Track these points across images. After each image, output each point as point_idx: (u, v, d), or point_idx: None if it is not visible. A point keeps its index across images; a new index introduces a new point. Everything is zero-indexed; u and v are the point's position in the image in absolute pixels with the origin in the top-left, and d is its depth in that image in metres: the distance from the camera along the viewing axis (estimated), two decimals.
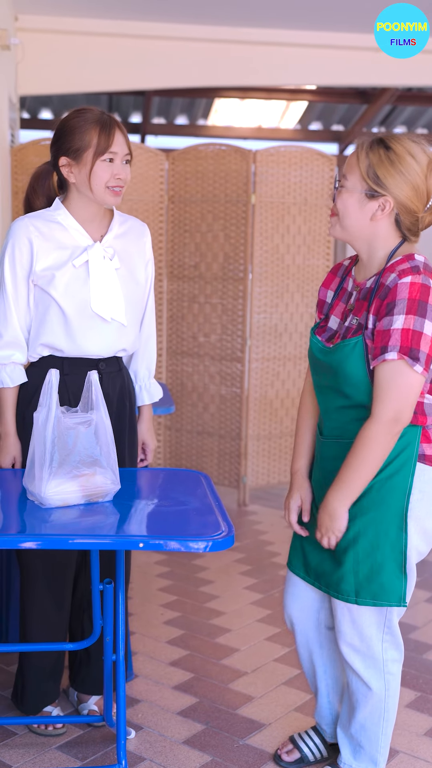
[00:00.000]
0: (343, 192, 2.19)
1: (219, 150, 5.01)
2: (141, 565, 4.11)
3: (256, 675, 3.12)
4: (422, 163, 2.12)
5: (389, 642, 2.29)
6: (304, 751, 2.56)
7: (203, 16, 5.80)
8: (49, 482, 2.16)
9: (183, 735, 2.72)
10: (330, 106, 8.82)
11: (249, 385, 5.07)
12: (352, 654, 2.30)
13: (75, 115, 2.50)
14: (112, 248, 2.58)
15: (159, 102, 8.50)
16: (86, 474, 2.21)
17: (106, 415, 2.26)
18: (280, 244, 5.06)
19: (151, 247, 2.73)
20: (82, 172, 2.49)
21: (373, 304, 2.14)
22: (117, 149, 2.47)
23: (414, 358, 2.05)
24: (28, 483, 2.23)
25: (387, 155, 2.12)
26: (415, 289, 2.06)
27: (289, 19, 5.84)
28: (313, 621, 2.46)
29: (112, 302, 2.55)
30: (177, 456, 5.34)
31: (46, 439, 2.17)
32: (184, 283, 5.17)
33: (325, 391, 2.29)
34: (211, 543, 1.97)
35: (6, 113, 5.01)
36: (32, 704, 2.71)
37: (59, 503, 2.17)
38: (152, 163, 5.07)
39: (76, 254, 2.53)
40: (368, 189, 2.14)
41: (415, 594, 3.88)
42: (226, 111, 8.82)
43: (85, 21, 5.87)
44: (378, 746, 2.37)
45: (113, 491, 2.25)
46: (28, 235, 2.50)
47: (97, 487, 2.22)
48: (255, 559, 4.28)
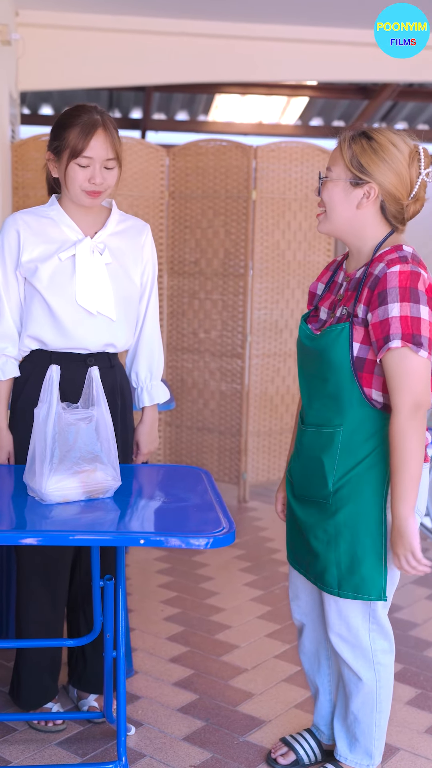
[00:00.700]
0: (327, 183, 2.23)
1: (220, 146, 5.00)
2: (140, 562, 4.11)
3: (256, 672, 3.12)
4: (404, 152, 2.17)
5: (376, 632, 2.30)
6: (299, 753, 2.55)
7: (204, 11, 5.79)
8: (50, 478, 2.16)
9: (183, 732, 2.72)
10: (331, 102, 8.81)
11: (249, 381, 5.07)
12: (341, 644, 2.32)
13: (69, 112, 2.50)
14: (103, 244, 2.57)
15: (159, 98, 8.49)
16: (87, 470, 2.20)
17: (107, 411, 2.25)
18: (281, 240, 5.05)
19: (152, 249, 2.69)
20: (60, 170, 2.50)
21: (362, 293, 2.16)
22: (92, 155, 2.44)
23: (417, 344, 2.07)
24: (28, 479, 2.23)
25: (369, 144, 2.17)
26: (404, 277, 2.09)
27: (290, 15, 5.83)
28: (317, 612, 2.46)
29: (99, 296, 2.53)
30: (177, 452, 5.34)
31: (47, 436, 2.17)
32: (185, 279, 5.17)
33: (309, 380, 2.31)
34: (212, 540, 1.96)
35: (6, 109, 5.00)
36: (29, 700, 2.70)
37: (60, 499, 2.17)
38: (153, 159, 5.06)
39: (64, 248, 2.52)
40: (353, 177, 2.18)
41: (414, 591, 3.87)
42: (226, 107, 8.81)
43: (85, 16, 5.86)
44: (372, 738, 2.37)
45: (114, 487, 2.24)
46: (16, 228, 2.51)
47: (98, 483, 2.21)
48: (255, 555, 4.28)
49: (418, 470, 2.10)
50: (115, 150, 2.49)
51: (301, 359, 2.36)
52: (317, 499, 2.26)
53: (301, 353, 2.35)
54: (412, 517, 2.10)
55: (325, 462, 2.22)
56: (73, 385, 2.48)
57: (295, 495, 2.37)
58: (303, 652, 2.54)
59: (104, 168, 2.48)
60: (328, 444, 2.22)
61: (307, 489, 2.30)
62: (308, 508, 2.30)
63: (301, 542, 2.36)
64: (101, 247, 2.55)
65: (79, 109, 2.49)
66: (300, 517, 2.33)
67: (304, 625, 2.51)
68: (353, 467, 2.19)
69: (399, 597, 3.77)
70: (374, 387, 2.16)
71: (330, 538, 2.23)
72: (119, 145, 2.51)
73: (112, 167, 2.49)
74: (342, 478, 2.20)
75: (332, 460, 2.21)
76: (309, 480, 2.29)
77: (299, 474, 2.34)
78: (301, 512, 2.33)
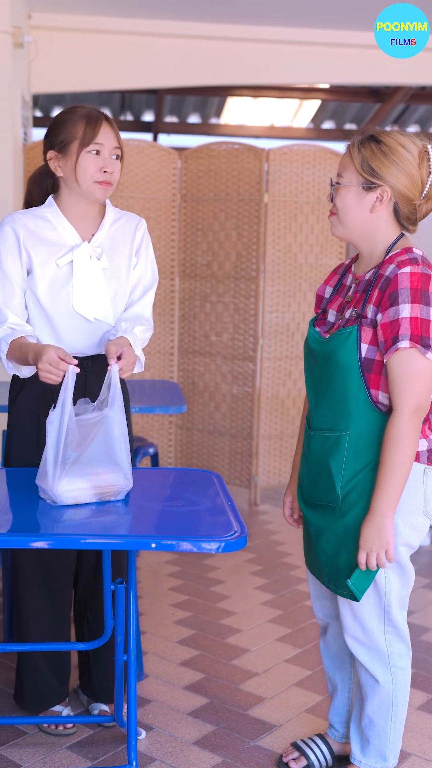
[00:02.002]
0: (340, 189, 2.23)
1: (232, 149, 5.00)
2: (151, 565, 4.11)
3: (266, 676, 3.11)
4: (414, 153, 2.18)
5: (392, 634, 2.30)
6: (311, 758, 2.54)
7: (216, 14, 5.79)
8: (61, 480, 2.16)
9: (193, 736, 2.71)
10: (343, 105, 8.79)
11: (261, 384, 5.06)
12: (357, 646, 2.32)
13: (64, 111, 2.52)
14: (101, 248, 2.55)
15: (171, 100, 8.49)
16: (98, 472, 2.20)
17: (121, 413, 2.23)
18: (293, 243, 5.05)
19: (146, 236, 2.63)
20: (68, 165, 2.47)
21: (372, 294, 2.17)
22: (103, 141, 2.45)
23: (426, 346, 2.08)
24: (40, 481, 2.23)
25: (379, 148, 2.18)
26: (415, 278, 2.10)
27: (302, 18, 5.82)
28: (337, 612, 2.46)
29: (96, 302, 2.52)
30: (188, 455, 5.33)
31: (60, 438, 2.16)
32: (196, 282, 5.16)
33: (316, 384, 2.31)
34: (224, 544, 1.96)
35: (19, 111, 5.00)
36: (33, 703, 2.70)
37: (71, 501, 2.17)
38: (165, 162, 5.06)
39: (62, 253, 2.51)
40: (364, 182, 2.19)
41: (426, 595, 3.86)
42: (238, 110, 8.80)
43: (98, 19, 5.86)
44: (387, 741, 2.36)
45: (125, 490, 2.25)
46: (13, 227, 2.48)
47: (109, 486, 2.21)
48: (266, 559, 4.27)
49: (408, 472, 2.13)
50: (119, 141, 2.51)
51: (308, 363, 2.36)
52: (326, 503, 2.26)
53: (308, 357, 2.35)
54: (392, 516, 2.14)
55: (333, 466, 2.22)
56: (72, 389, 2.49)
57: (305, 500, 2.36)
58: (326, 648, 2.54)
59: (111, 158, 2.48)
60: (334, 448, 2.22)
61: (316, 494, 2.30)
62: (318, 513, 2.30)
63: (314, 547, 2.36)
64: (99, 252, 2.54)
65: (74, 106, 2.51)
66: (311, 522, 2.33)
67: (329, 624, 2.50)
68: (360, 470, 2.19)
69: (411, 602, 3.72)
70: (381, 389, 2.17)
71: (340, 540, 2.23)
72: (120, 138, 2.53)
73: (117, 158, 2.50)
74: (350, 482, 2.20)
75: (339, 464, 2.21)
76: (317, 485, 2.29)
77: (308, 479, 2.34)
78: (311, 517, 2.33)
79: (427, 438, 2.24)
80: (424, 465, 2.22)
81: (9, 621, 3.12)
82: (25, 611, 2.65)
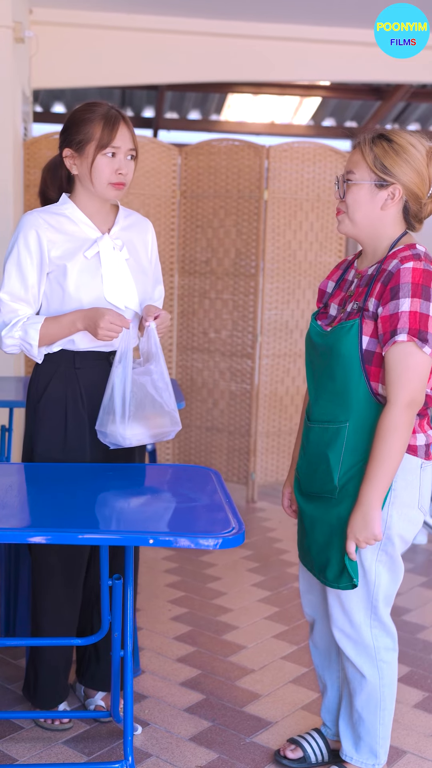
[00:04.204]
0: (352, 186, 2.25)
1: (232, 145, 4.99)
2: (148, 561, 4.11)
3: (263, 672, 3.11)
4: (422, 152, 2.22)
5: (379, 629, 2.32)
6: (307, 751, 2.56)
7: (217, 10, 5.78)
8: (128, 425, 2.45)
9: (189, 732, 2.72)
10: (343, 103, 8.79)
11: (259, 381, 5.06)
12: (344, 639, 2.33)
13: (84, 108, 2.52)
14: (120, 240, 2.59)
15: (172, 97, 8.48)
16: (150, 416, 2.50)
17: (164, 365, 2.52)
18: (293, 241, 5.05)
19: (155, 245, 2.74)
20: (83, 165, 2.50)
21: (374, 288, 2.20)
22: (120, 144, 2.47)
23: (423, 340, 2.11)
24: (102, 427, 2.49)
25: (391, 146, 2.21)
26: (417, 273, 2.13)
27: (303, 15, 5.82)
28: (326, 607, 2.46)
29: (124, 291, 2.56)
30: (186, 452, 5.33)
31: (126, 388, 2.45)
32: (196, 279, 5.16)
33: (317, 376, 2.33)
34: (222, 540, 1.96)
35: (19, 106, 5.00)
36: (45, 700, 2.70)
37: (135, 443, 2.49)
38: (165, 158, 5.06)
39: (86, 246, 2.53)
40: (377, 179, 2.22)
41: (422, 594, 3.86)
42: (239, 106, 8.80)
43: (99, 14, 5.85)
44: (376, 737, 2.38)
45: (174, 431, 2.55)
46: (37, 228, 2.50)
47: (161, 428, 2.51)
48: (263, 556, 4.27)
49: (397, 464, 2.15)
50: (135, 141, 2.53)
51: (309, 356, 2.39)
52: (323, 494, 2.28)
53: (309, 350, 2.38)
54: (379, 506, 2.15)
55: (331, 458, 2.24)
56: (99, 384, 2.54)
57: (301, 491, 2.38)
58: (314, 647, 2.55)
59: (126, 159, 2.51)
60: (333, 440, 2.24)
61: (313, 485, 2.31)
62: (314, 504, 2.32)
63: (307, 538, 2.37)
64: (119, 244, 2.58)
65: (93, 104, 2.51)
66: (306, 513, 2.35)
67: (315, 620, 2.51)
68: (358, 462, 2.21)
69: (407, 600, 3.76)
70: (381, 382, 2.20)
71: (333, 530, 2.25)
72: (136, 138, 2.55)
73: (132, 158, 2.53)
74: (347, 473, 2.22)
75: (337, 456, 2.23)
76: (315, 476, 2.30)
77: (305, 470, 2.36)
78: (307, 508, 2.35)
79: (425, 433, 2.25)
80: (422, 460, 2.24)
81: (5, 615, 3.11)
82: (44, 608, 2.64)
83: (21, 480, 2.43)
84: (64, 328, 2.47)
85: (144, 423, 2.48)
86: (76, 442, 2.56)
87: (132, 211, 2.72)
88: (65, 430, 2.55)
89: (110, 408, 2.47)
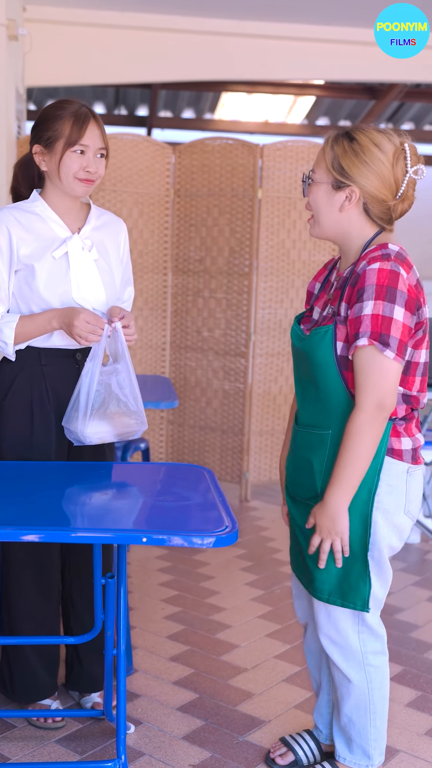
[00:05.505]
0: (312, 186, 2.22)
1: (226, 144, 4.99)
2: (141, 560, 4.10)
3: (256, 671, 3.11)
4: (388, 153, 2.13)
5: (367, 634, 2.29)
6: (299, 754, 2.54)
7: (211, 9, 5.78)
8: (90, 423, 2.46)
9: (182, 731, 2.71)
10: (337, 102, 8.79)
11: (252, 380, 5.06)
12: (331, 646, 2.31)
13: (54, 105, 2.53)
14: (90, 240, 2.58)
15: (166, 95, 8.48)
16: (116, 416, 2.51)
17: (130, 364, 2.50)
18: (286, 240, 5.05)
19: (128, 246, 2.74)
20: (52, 162, 2.50)
21: (345, 292, 2.16)
22: (88, 142, 2.48)
23: (384, 344, 2.05)
24: (68, 424, 2.51)
25: (351, 146, 2.14)
26: (383, 275, 2.07)
27: (297, 13, 5.82)
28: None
29: (92, 292, 2.56)
30: (179, 451, 5.33)
31: (91, 387, 2.45)
32: (189, 278, 5.16)
33: (302, 382, 2.31)
34: (215, 539, 1.95)
35: (13, 104, 4.99)
36: (22, 695, 2.70)
37: (97, 441, 2.50)
38: (158, 157, 5.05)
39: (55, 245, 2.53)
40: (334, 181, 2.16)
41: (415, 593, 3.86)
42: (233, 105, 8.80)
43: (93, 13, 5.85)
44: (368, 739, 2.36)
45: (141, 430, 2.55)
46: (7, 224, 2.50)
47: (127, 427, 2.53)
48: (256, 555, 4.27)
49: (364, 469, 2.12)
50: (105, 140, 2.53)
51: (294, 360, 2.36)
52: (307, 500, 2.26)
53: (294, 355, 2.35)
54: (345, 508, 2.13)
55: (315, 463, 2.22)
56: (65, 381, 2.55)
57: (290, 495, 2.37)
58: (308, 649, 2.54)
59: (96, 157, 2.51)
60: (318, 445, 2.22)
61: (298, 489, 2.30)
62: (300, 509, 2.30)
63: (295, 544, 2.36)
64: (89, 244, 2.58)
65: (64, 102, 2.53)
66: (295, 518, 2.34)
67: (308, 624, 2.50)
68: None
69: (400, 599, 3.76)
70: None
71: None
72: (106, 137, 2.55)
73: (102, 157, 2.53)
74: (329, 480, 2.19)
75: (321, 461, 2.21)
76: (299, 480, 2.29)
77: (291, 473, 2.35)
78: (295, 513, 2.33)
79: (412, 437, 2.22)
80: (408, 464, 2.21)
81: None
82: (16, 603, 2.65)
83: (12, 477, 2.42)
84: (39, 326, 2.48)
85: (108, 421, 2.49)
86: (43, 439, 2.56)
87: (105, 211, 2.72)
88: (32, 427, 2.55)
89: (76, 405, 2.50)
